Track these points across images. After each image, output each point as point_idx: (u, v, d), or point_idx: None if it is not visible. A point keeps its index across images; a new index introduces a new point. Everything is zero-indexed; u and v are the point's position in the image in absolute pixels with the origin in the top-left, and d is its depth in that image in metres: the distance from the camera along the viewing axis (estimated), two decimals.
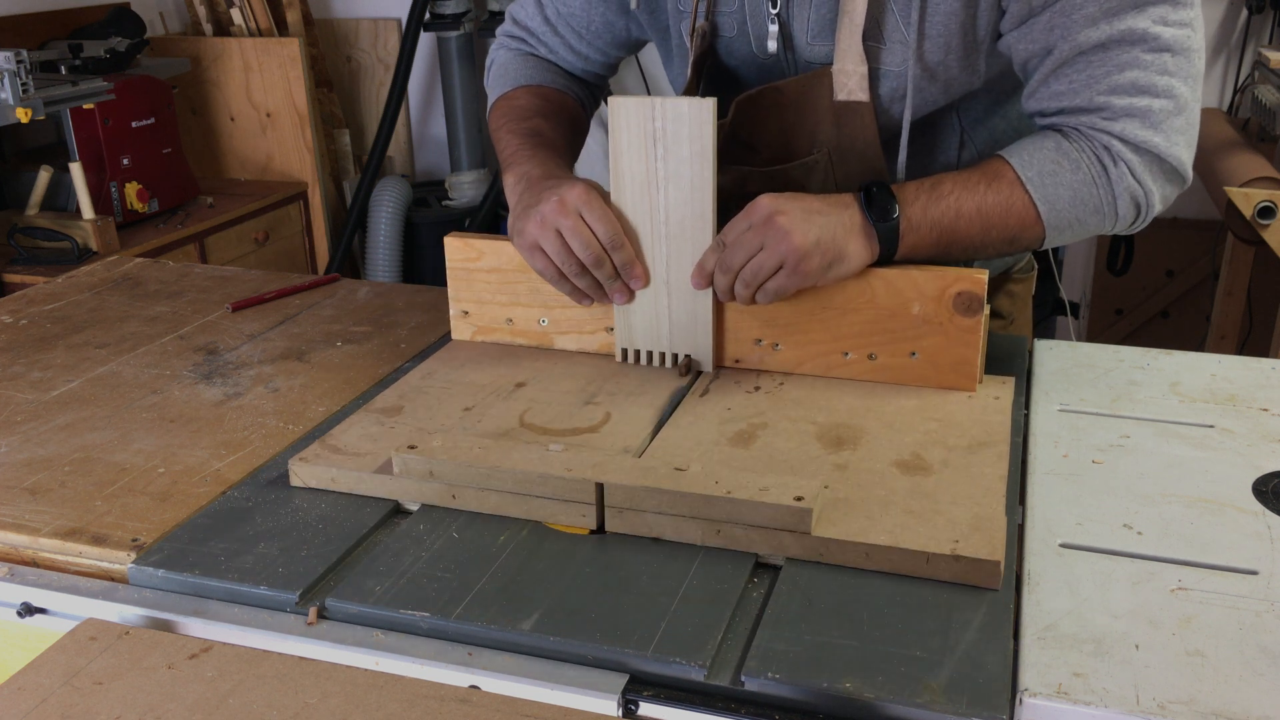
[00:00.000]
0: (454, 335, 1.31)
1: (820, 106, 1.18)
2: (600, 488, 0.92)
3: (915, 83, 1.16)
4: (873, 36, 1.15)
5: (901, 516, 0.90)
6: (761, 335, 1.19)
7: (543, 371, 1.22)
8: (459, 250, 1.26)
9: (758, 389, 1.16)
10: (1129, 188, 1.12)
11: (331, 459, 1.01)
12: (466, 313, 1.29)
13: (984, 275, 1.09)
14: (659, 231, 1.15)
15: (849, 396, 1.14)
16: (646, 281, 1.17)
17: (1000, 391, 1.14)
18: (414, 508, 0.98)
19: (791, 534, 0.88)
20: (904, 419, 1.09)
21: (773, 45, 1.21)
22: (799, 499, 0.88)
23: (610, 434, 1.07)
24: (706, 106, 1.08)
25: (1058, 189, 1.11)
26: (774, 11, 1.19)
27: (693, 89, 1.28)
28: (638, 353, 1.22)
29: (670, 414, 1.11)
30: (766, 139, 1.24)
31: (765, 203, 1.08)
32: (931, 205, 1.10)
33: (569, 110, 1.37)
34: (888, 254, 1.11)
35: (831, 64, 1.17)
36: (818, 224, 1.07)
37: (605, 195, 1.15)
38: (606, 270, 1.15)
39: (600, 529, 0.93)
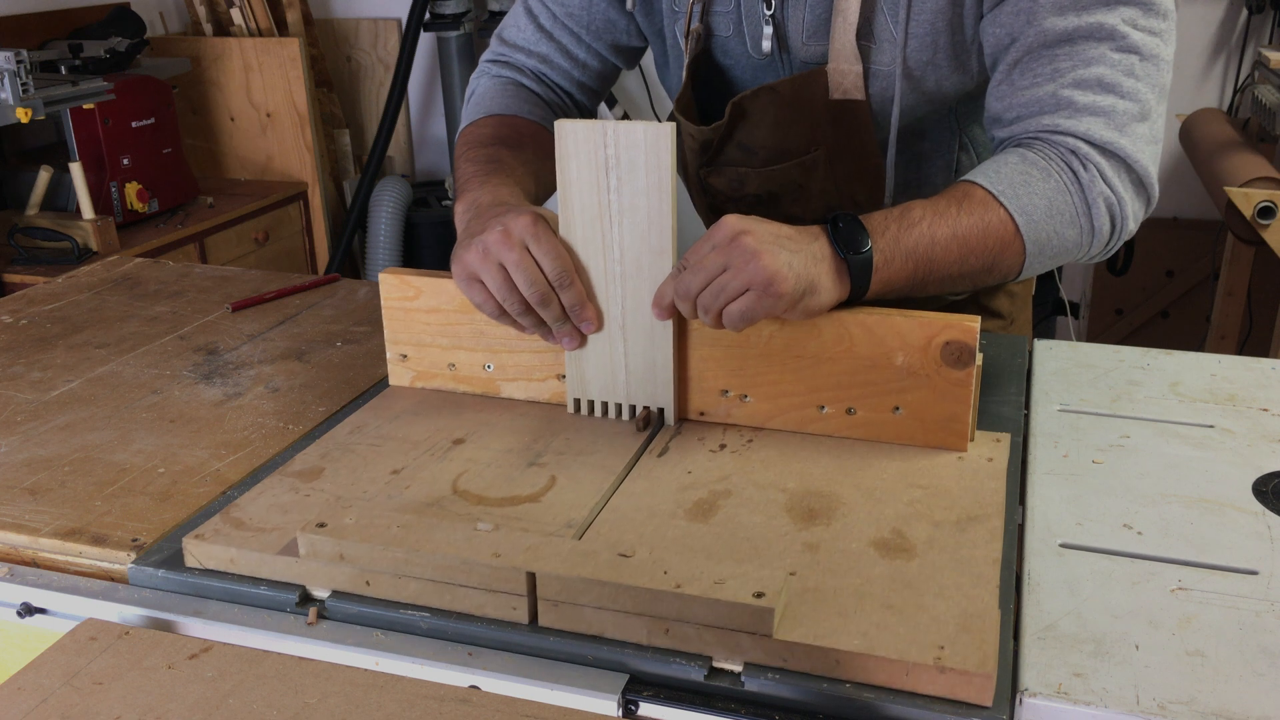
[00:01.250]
0: (391, 381, 1.19)
1: (816, 105, 1.18)
2: (532, 577, 0.81)
3: (903, 81, 1.16)
4: (864, 35, 1.15)
5: (879, 613, 0.79)
6: (728, 385, 1.08)
7: (485, 425, 1.10)
8: (395, 288, 1.15)
9: (723, 447, 1.05)
10: (1102, 193, 1.07)
11: (232, 536, 0.90)
12: (405, 356, 1.18)
13: (975, 323, 0.99)
14: (613, 270, 1.04)
15: (824, 457, 1.03)
16: (599, 325, 1.06)
17: (994, 452, 1.02)
18: (323, 594, 0.86)
19: (750, 635, 0.76)
20: (885, 486, 0.97)
21: (767, 45, 1.21)
22: (759, 595, 0.76)
23: (553, 503, 0.96)
24: (664, 133, 0.98)
25: (1031, 198, 1.05)
26: (769, 12, 1.19)
27: (687, 91, 1.28)
28: (591, 404, 1.11)
29: (624, 477, 1.00)
30: (763, 139, 1.24)
31: (730, 222, 0.97)
32: (903, 234, 1.02)
33: (539, 140, 1.28)
34: (859, 289, 1.01)
35: (826, 63, 1.17)
36: (787, 248, 0.97)
37: (555, 227, 1.05)
38: (554, 311, 1.04)
39: (534, 622, 0.82)
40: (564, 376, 1.12)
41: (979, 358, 1.01)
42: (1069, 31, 1.06)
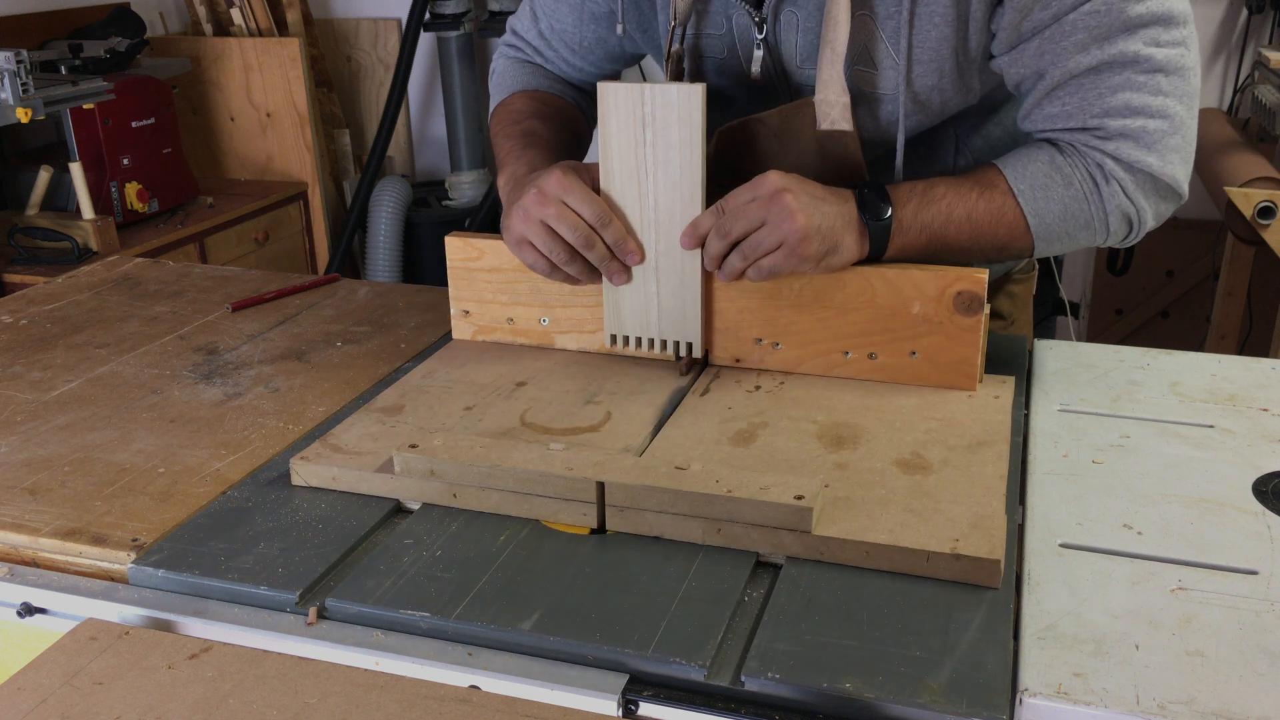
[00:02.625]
0: (455, 335, 1.31)
1: (804, 136, 1.18)
2: (601, 486, 0.92)
3: (907, 106, 1.16)
4: (863, 62, 1.14)
5: (902, 515, 0.90)
6: (762, 334, 1.19)
7: (543, 371, 1.22)
8: (460, 250, 1.26)
9: (758, 388, 1.16)
10: (1120, 205, 1.12)
11: (333, 458, 1.01)
12: (467, 312, 1.29)
13: (984, 275, 1.10)
14: (648, 218, 1.14)
15: (849, 395, 1.14)
16: (642, 256, 1.15)
17: (1000, 391, 1.14)
18: (415, 506, 0.98)
19: (792, 533, 0.88)
20: (904, 418, 1.09)
21: (757, 70, 1.20)
22: (799, 498, 0.88)
23: (611, 433, 1.07)
24: (696, 92, 1.08)
25: (1049, 203, 1.12)
26: (759, 37, 1.18)
27: None
28: (626, 338, 1.21)
29: (671, 413, 1.11)
30: (750, 168, 1.23)
31: (773, 178, 1.07)
32: (923, 209, 1.11)
33: (566, 114, 1.37)
34: (876, 253, 1.11)
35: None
36: (821, 210, 1.07)
37: (585, 176, 1.13)
38: (599, 251, 1.13)
39: (601, 528, 0.93)
40: None
41: (986, 306, 1.10)
42: (1094, 65, 1.08)
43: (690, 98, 1.08)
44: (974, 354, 1.13)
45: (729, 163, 1.23)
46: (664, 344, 1.20)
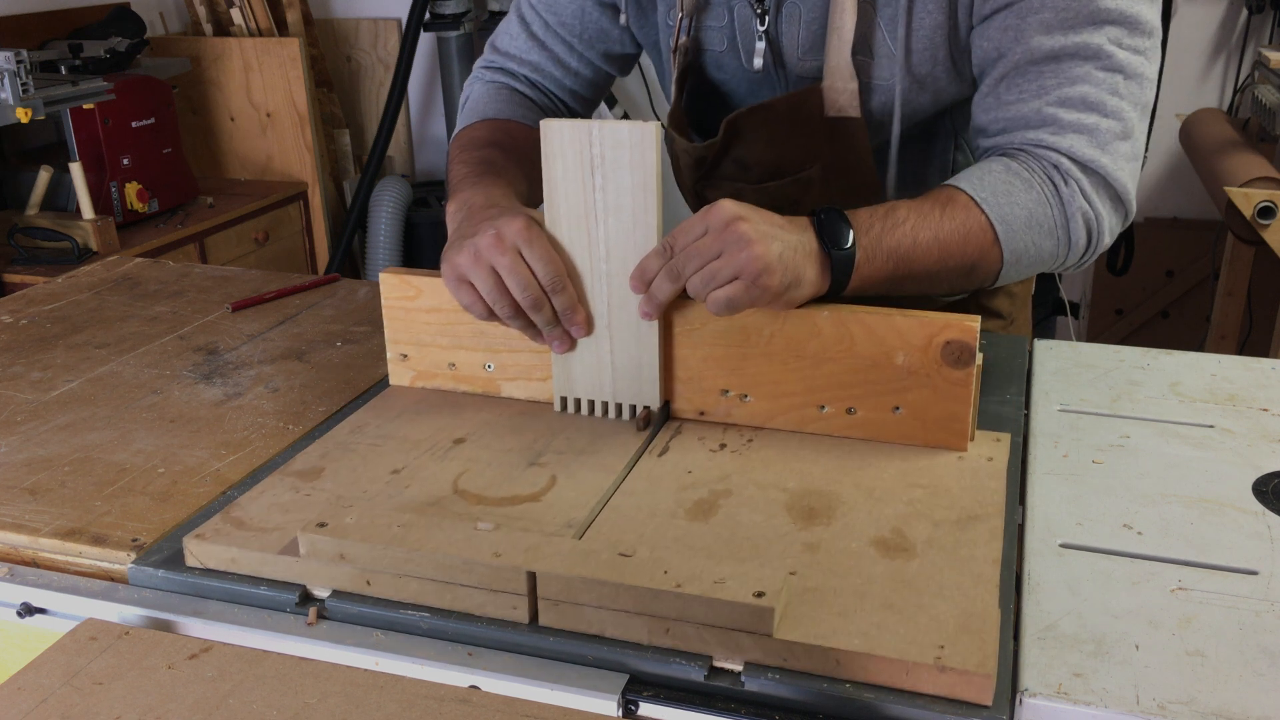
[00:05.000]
0: (391, 380, 1.20)
1: (812, 122, 1.17)
2: (533, 577, 0.81)
3: (905, 95, 1.16)
4: (862, 51, 1.15)
5: (879, 613, 0.79)
6: (729, 385, 1.08)
7: (485, 425, 1.10)
8: (395, 288, 1.15)
9: (723, 446, 1.05)
10: (1081, 208, 1.09)
11: (234, 536, 0.90)
12: (405, 356, 1.18)
13: (975, 323, 0.99)
14: (599, 269, 1.05)
15: (825, 457, 1.03)
16: (589, 329, 1.07)
17: (994, 452, 1.02)
18: (324, 594, 0.86)
19: (751, 635, 0.76)
20: (885, 485, 0.97)
21: (759, 62, 1.19)
22: (760, 594, 0.76)
23: (553, 502, 0.96)
24: (649, 131, 0.98)
25: (1012, 208, 1.07)
26: (762, 29, 1.18)
27: (677, 105, 1.27)
28: (578, 402, 1.11)
29: (625, 477, 1.00)
30: (758, 156, 1.23)
31: (727, 207, 0.97)
32: (887, 234, 1.03)
33: (531, 143, 1.26)
34: (839, 284, 1.02)
35: (821, 79, 1.17)
36: (779, 239, 0.98)
37: (544, 231, 1.05)
38: (545, 315, 1.05)
39: (534, 622, 0.82)
40: None
41: (979, 358, 1.01)
42: (1055, 50, 1.07)
43: (643, 137, 0.98)
44: (965, 410, 1.01)
45: (736, 153, 1.23)
46: (619, 407, 1.10)
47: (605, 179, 1.01)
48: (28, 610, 0.90)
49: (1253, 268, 2.81)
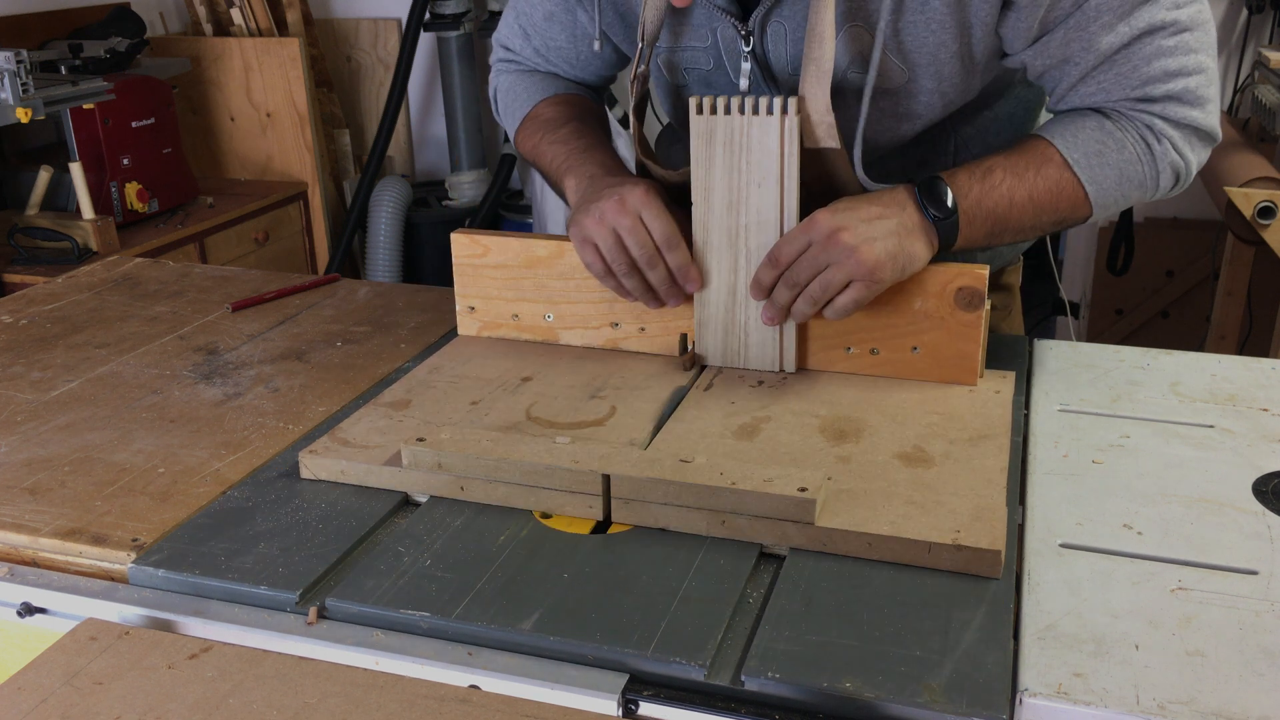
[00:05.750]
0: (460, 330, 1.32)
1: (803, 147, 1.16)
2: (607, 479, 0.93)
3: (908, 109, 1.15)
4: (859, 69, 1.13)
5: (903, 507, 0.91)
6: None
7: (548, 366, 1.23)
8: (465, 246, 1.27)
9: (761, 383, 1.17)
10: (1172, 162, 1.14)
11: (341, 451, 1.02)
12: (473, 308, 1.30)
13: (985, 270, 1.11)
14: (739, 245, 1.14)
15: (852, 390, 1.15)
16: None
17: (1000, 385, 1.15)
18: (422, 499, 0.98)
19: (795, 524, 0.89)
20: (906, 412, 1.10)
21: (744, 83, 1.17)
22: (803, 490, 0.89)
23: (616, 427, 1.08)
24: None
25: (1104, 169, 1.12)
26: (747, 49, 1.16)
27: (638, 131, 1.24)
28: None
29: (674, 408, 1.12)
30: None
31: (824, 219, 1.05)
32: (985, 196, 1.10)
33: (593, 109, 1.37)
34: (945, 247, 1.11)
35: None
36: (880, 231, 1.05)
37: (664, 196, 1.14)
38: (659, 273, 1.14)
39: (606, 520, 0.94)
40: (616, 325, 1.25)
41: (988, 301, 1.12)
42: (1125, 41, 1.08)
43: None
44: (975, 349, 1.14)
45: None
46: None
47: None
48: (28, 610, 0.90)
49: (1253, 268, 2.81)
